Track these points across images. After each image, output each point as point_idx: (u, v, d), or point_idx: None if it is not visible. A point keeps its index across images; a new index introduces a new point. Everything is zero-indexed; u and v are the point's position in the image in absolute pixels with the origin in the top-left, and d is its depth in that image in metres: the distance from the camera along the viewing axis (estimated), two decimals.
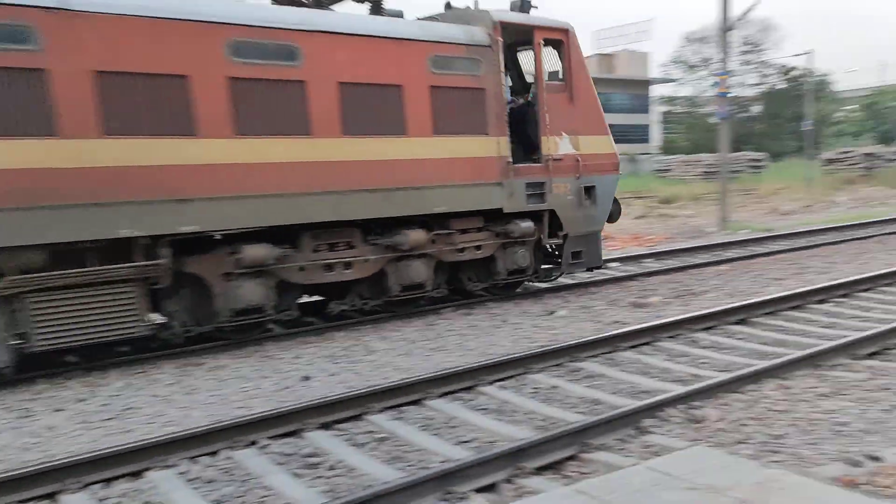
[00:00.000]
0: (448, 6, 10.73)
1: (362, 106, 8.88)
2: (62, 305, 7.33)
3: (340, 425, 6.04)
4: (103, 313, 7.56)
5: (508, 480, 4.81)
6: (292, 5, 10.37)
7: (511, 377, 7.08)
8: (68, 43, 7.13)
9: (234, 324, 8.56)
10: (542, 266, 11.43)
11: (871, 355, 7.36)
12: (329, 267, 9.08)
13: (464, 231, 10.11)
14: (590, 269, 11.86)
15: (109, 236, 7.47)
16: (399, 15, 10.04)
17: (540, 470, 4.96)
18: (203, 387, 7.26)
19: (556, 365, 7.43)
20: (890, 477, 4.36)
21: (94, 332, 7.54)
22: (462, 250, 10.11)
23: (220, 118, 7.94)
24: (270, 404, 6.53)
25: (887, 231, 17.48)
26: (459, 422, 6.03)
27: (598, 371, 7.24)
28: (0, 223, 6.92)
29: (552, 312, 9.99)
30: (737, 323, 8.94)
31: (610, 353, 7.80)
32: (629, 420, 5.62)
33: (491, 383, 6.89)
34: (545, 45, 10.53)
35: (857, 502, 3.76)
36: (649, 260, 14.67)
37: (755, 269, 12.89)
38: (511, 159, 10.14)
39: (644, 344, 8.09)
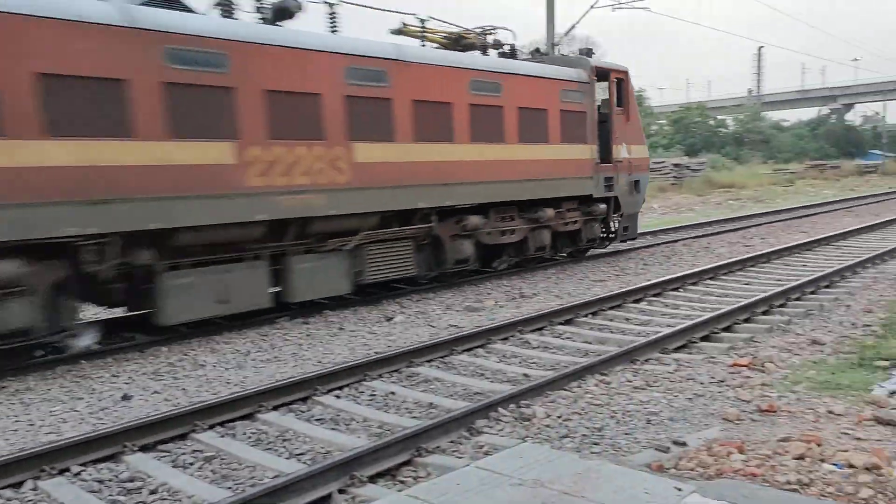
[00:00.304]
0: (537, 51, 15.88)
1: (530, 122, 13.19)
2: (381, 253, 11.05)
3: (164, 446, 5.69)
4: (398, 259, 11.34)
5: (342, 491, 4.74)
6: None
7: (348, 385, 7.01)
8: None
9: (453, 269, 12.39)
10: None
11: (678, 349, 8.05)
12: (501, 232, 13.06)
13: (569, 210, 14.44)
14: (633, 239, 16.68)
15: (412, 207, 11.28)
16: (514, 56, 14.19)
17: (374, 478, 4.94)
18: (6, 412, 6.56)
19: (393, 371, 7.45)
20: (693, 460, 4.77)
21: (393, 272, 11.31)
22: (567, 223, 14.42)
23: (465, 131, 12.00)
24: (84, 428, 6.03)
25: (693, 235, 19.26)
26: (294, 434, 5.88)
27: (434, 375, 7.35)
28: (374, 197, 10.60)
29: (390, 318, 10.03)
30: (564, 323, 9.45)
31: (446, 356, 7.95)
32: (462, 422, 5.74)
33: (327, 393, 6.79)
34: (616, 81, 15.09)
35: (665, 485, 4.07)
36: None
37: (580, 273, 13.70)
38: (598, 160, 14.69)
39: (478, 347, 8.33)
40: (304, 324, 9.77)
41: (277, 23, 9.99)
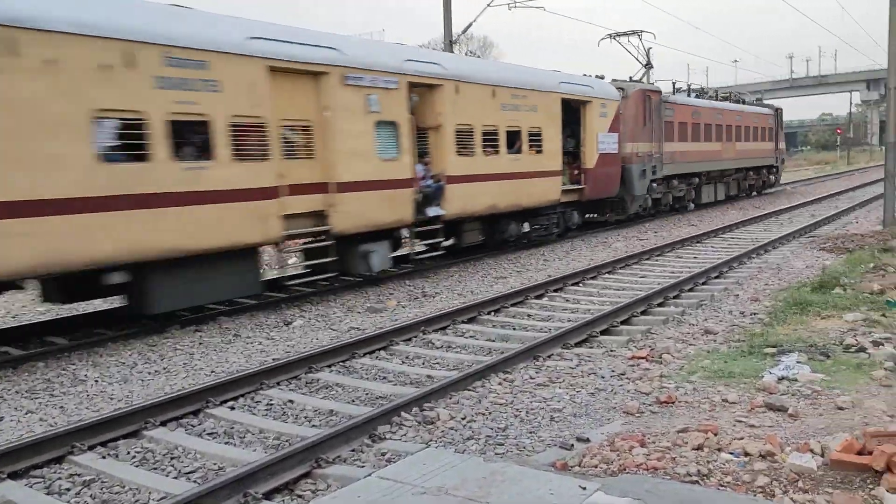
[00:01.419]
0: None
1: (751, 132, 30.24)
2: None
3: (37, 472, 5.19)
4: None
5: None
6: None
7: (243, 395, 6.65)
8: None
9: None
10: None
11: (580, 343, 8.13)
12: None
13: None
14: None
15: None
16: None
17: (271, 493, 4.66)
18: None
19: (292, 378, 7.14)
20: (596, 456, 4.75)
21: None
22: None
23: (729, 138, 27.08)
24: None
25: (591, 231, 19.71)
26: (183, 451, 5.50)
27: (335, 380, 7.09)
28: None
29: (289, 323, 9.66)
30: (467, 322, 9.38)
31: (347, 360, 7.71)
32: (364, 429, 5.53)
33: (220, 404, 6.40)
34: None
35: (569, 484, 4.01)
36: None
37: (482, 270, 13.72)
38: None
39: (381, 349, 8.12)
40: (197, 332, 9.26)
41: None
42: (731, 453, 4.61)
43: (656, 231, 19.45)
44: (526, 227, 16.30)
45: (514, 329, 9.03)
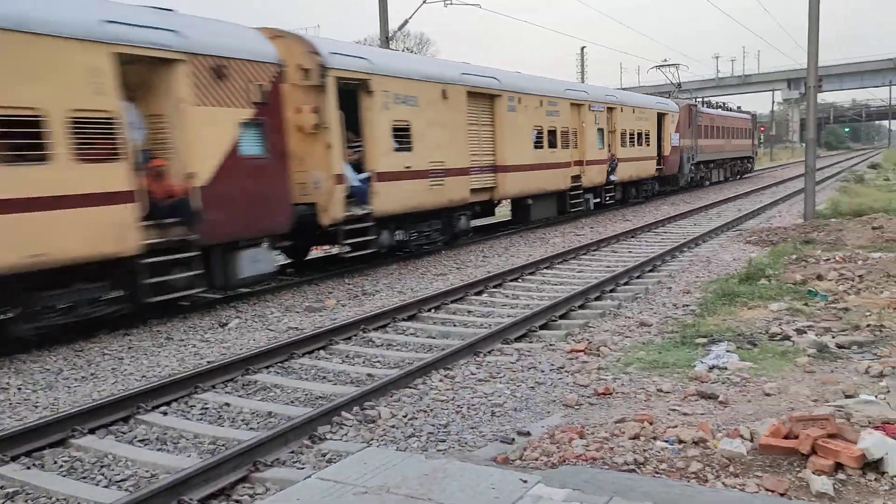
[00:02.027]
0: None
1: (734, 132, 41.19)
2: None
3: None
4: None
5: None
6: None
7: (176, 400, 6.46)
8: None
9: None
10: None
11: (519, 338, 8.20)
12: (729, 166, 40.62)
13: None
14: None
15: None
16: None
17: (206, 500, 4.53)
18: None
19: (228, 380, 6.97)
20: (537, 449, 4.80)
21: None
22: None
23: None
24: None
25: (530, 226, 19.92)
26: (113, 459, 5.29)
27: (273, 382, 6.96)
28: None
29: (224, 324, 9.43)
30: (407, 319, 9.34)
31: (285, 361, 7.57)
32: (303, 430, 5.44)
33: (152, 410, 6.20)
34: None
35: (511, 478, 4.03)
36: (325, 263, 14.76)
37: (422, 268, 13.70)
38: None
39: (320, 348, 8.02)
40: (126, 335, 8.94)
41: None
42: (666, 441, 4.72)
43: (593, 227, 19.81)
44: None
45: (455, 326, 9.04)
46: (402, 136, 13.76)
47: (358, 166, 12.92)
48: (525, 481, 3.94)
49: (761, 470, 4.26)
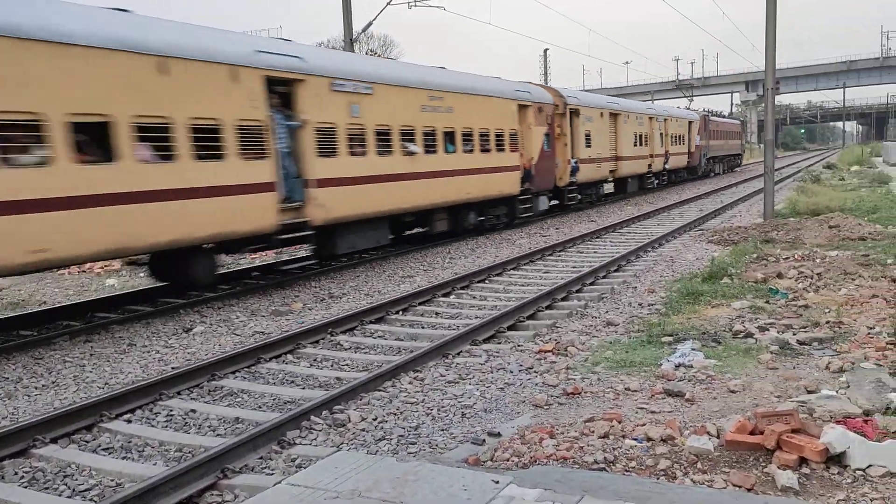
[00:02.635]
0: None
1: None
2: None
3: None
4: None
5: None
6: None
7: (140, 407, 6.33)
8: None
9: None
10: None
11: (488, 339, 8.22)
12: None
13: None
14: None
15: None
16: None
17: None
18: None
19: (194, 386, 6.86)
20: (508, 450, 4.81)
21: None
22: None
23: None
24: None
25: (497, 229, 19.99)
26: (76, 468, 5.17)
27: (240, 387, 6.87)
28: None
29: (188, 329, 9.28)
30: (375, 322, 9.30)
31: (252, 366, 7.48)
32: (272, 435, 5.38)
33: (116, 417, 6.06)
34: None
35: (482, 479, 4.04)
36: (291, 265, 14.62)
37: (389, 270, 13.66)
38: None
39: (287, 353, 7.93)
40: (87, 342, 8.74)
41: None
42: (635, 439, 4.78)
43: (558, 227, 19.96)
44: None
45: (423, 328, 9.03)
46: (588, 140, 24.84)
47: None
48: (497, 482, 3.95)
49: (728, 466, 4.34)
